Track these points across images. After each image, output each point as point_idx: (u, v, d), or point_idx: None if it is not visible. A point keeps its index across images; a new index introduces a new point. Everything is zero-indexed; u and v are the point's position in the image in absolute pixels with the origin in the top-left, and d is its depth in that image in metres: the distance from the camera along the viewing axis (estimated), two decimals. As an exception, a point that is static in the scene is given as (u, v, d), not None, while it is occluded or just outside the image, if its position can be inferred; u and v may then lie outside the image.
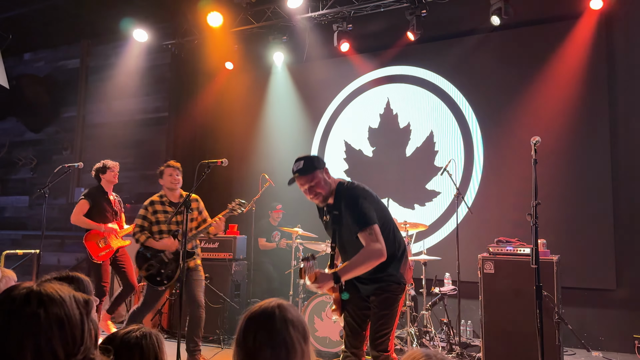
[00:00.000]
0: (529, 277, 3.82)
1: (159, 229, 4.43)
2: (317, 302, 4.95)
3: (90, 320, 1.09)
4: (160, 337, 1.53)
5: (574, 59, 5.80)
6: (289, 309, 1.41)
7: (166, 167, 4.59)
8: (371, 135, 7.02)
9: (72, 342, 1.03)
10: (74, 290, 1.10)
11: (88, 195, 5.20)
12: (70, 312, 1.04)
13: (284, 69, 7.59)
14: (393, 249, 2.91)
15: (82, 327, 1.05)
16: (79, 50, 9.13)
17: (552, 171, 5.71)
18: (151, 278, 4.39)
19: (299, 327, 1.38)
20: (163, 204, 4.51)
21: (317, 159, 2.91)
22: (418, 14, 6.10)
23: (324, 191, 2.87)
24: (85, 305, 1.08)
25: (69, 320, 1.03)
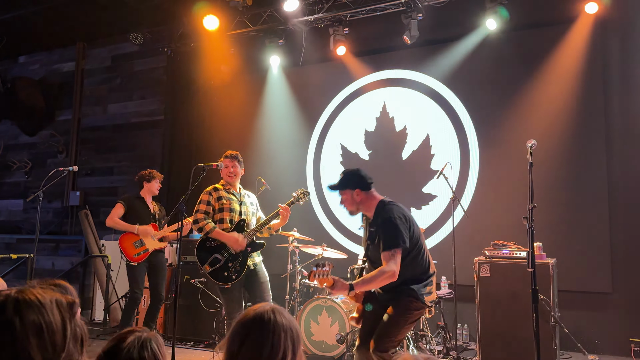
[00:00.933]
0: (525, 281, 3.82)
1: (221, 218, 4.05)
2: (313, 307, 4.94)
3: (75, 324, 1.06)
4: (159, 340, 1.51)
5: (570, 63, 5.82)
6: (283, 313, 1.39)
7: (224, 159, 4.18)
8: (367, 138, 7.02)
9: (52, 348, 1.00)
10: (59, 294, 1.08)
11: (124, 199, 5.27)
12: (50, 317, 1.01)
13: (280, 73, 7.59)
14: (420, 269, 3.13)
15: (63, 332, 1.02)
16: (74, 53, 9.11)
17: (548, 174, 5.72)
18: (217, 274, 3.90)
19: (290, 333, 1.37)
20: (228, 191, 4.16)
21: (355, 178, 3.18)
22: (414, 18, 6.11)
23: (351, 208, 3.17)
24: (69, 308, 1.06)
25: (48, 326, 1.00)
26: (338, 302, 4.85)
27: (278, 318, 1.37)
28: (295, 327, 1.40)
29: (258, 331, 1.35)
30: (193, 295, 5.56)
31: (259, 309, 1.41)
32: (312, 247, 5.53)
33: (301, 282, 5.40)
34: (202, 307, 5.44)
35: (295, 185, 7.27)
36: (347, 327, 4.73)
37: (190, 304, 5.60)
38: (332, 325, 4.82)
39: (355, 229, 6.86)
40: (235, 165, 4.14)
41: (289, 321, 1.39)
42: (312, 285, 5.39)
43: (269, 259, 6.65)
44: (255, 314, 1.39)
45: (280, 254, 5.96)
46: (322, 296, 4.99)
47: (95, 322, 6.95)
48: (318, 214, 7.17)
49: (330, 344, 4.79)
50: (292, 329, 1.38)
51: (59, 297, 1.07)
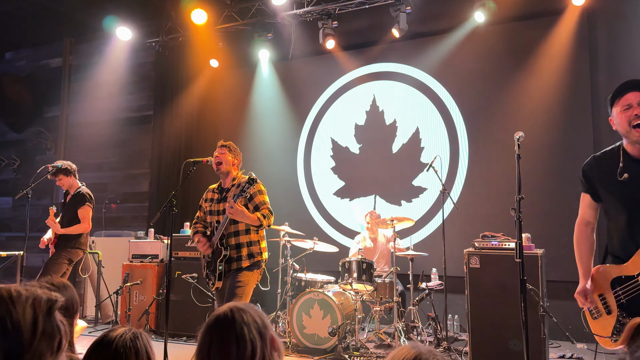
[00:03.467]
0: (514, 271, 3.86)
1: (210, 221, 3.82)
2: (305, 300, 4.96)
3: (52, 322, 1.05)
4: (148, 337, 1.53)
5: (557, 55, 5.87)
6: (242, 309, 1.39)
7: None
8: (357, 132, 7.03)
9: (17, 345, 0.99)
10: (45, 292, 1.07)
11: None
12: (18, 313, 1.00)
13: (269, 67, 7.57)
14: None
15: (32, 330, 1.01)
16: (61, 48, 9.02)
17: (536, 165, 5.77)
18: (206, 279, 3.79)
19: (254, 325, 1.38)
20: (214, 191, 3.90)
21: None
22: (403, 11, 6.12)
23: None
24: (47, 306, 1.05)
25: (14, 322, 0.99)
26: (330, 296, 4.88)
27: (237, 315, 1.37)
28: (259, 318, 1.40)
29: (220, 332, 1.36)
30: (185, 290, 5.57)
31: (218, 311, 1.42)
32: (303, 241, 5.55)
33: (293, 275, 5.42)
34: (194, 302, 5.45)
35: (287, 180, 7.32)
36: (339, 319, 4.76)
37: (182, 300, 5.60)
38: (324, 318, 4.85)
39: (347, 222, 6.88)
40: (222, 153, 3.79)
41: (251, 315, 1.39)
42: (303, 279, 5.41)
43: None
44: (215, 317, 1.40)
45: (271, 249, 5.96)
46: (314, 290, 5.01)
47: (86, 319, 6.93)
48: (309, 208, 7.19)
49: (323, 337, 4.82)
50: (256, 320, 1.38)
51: (40, 295, 1.06)
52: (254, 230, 3.65)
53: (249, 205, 3.67)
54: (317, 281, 5.36)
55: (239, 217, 3.49)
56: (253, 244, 3.68)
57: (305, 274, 5.46)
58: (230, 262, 3.62)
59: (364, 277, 4.96)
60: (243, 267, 3.60)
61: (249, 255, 3.64)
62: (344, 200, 7.01)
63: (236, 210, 3.43)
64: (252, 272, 3.64)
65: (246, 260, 3.62)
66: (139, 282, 5.85)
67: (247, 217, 3.51)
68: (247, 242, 3.65)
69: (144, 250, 6.05)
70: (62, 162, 4.95)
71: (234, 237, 3.65)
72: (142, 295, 5.91)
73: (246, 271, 3.61)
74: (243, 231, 3.65)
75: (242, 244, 3.63)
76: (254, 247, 3.68)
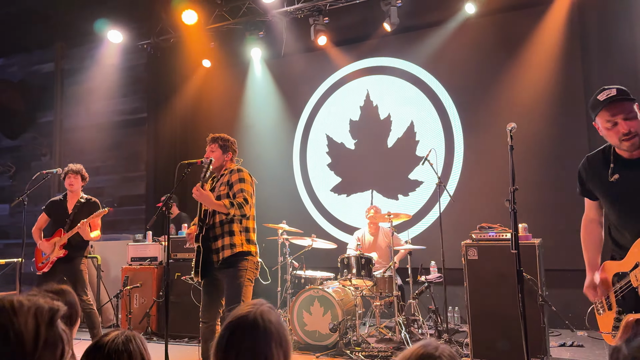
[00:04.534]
0: (511, 262, 3.86)
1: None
2: (305, 297, 4.97)
3: (54, 332, 1.06)
4: (143, 339, 1.52)
5: (549, 44, 5.87)
6: (271, 318, 1.34)
7: None
8: (352, 127, 7.03)
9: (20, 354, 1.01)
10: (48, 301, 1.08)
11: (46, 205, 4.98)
12: (20, 323, 1.02)
13: (262, 65, 7.56)
14: None
15: (35, 339, 1.02)
16: (53, 53, 8.98)
17: (531, 155, 5.78)
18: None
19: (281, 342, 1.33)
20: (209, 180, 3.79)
21: None
22: (394, 5, 6.12)
23: None
24: (49, 316, 1.06)
25: (17, 332, 1.01)
26: (330, 292, 4.89)
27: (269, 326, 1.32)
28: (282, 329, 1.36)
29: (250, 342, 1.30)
30: (185, 292, 5.57)
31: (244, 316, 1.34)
32: (301, 239, 5.56)
33: (292, 273, 5.43)
34: (194, 303, 5.44)
35: (283, 178, 7.32)
36: (339, 316, 4.77)
37: (183, 301, 5.61)
38: (325, 315, 4.86)
39: (345, 218, 6.89)
40: (212, 150, 3.70)
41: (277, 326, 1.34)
42: (303, 277, 5.42)
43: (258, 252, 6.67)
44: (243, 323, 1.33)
45: (270, 247, 5.98)
46: (314, 287, 5.02)
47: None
48: (307, 205, 7.19)
49: (324, 333, 4.83)
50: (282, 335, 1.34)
51: (43, 305, 1.07)
52: (236, 220, 3.56)
53: (229, 193, 3.56)
54: (316, 278, 5.37)
55: (204, 201, 3.42)
56: (233, 234, 3.52)
57: (304, 271, 5.47)
58: (217, 253, 3.51)
59: (363, 273, 4.97)
60: (226, 256, 3.47)
61: (230, 246, 3.49)
62: (341, 197, 7.01)
63: (201, 194, 3.35)
64: (244, 269, 3.50)
65: (227, 250, 3.48)
66: (139, 285, 5.85)
67: (212, 203, 3.41)
68: (229, 232, 3.52)
69: (143, 253, 6.05)
70: (74, 165, 4.88)
71: (219, 226, 3.54)
72: (142, 298, 5.91)
73: (239, 269, 3.49)
74: (225, 220, 3.53)
75: (224, 233, 3.52)
76: (235, 237, 3.53)
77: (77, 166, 4.90)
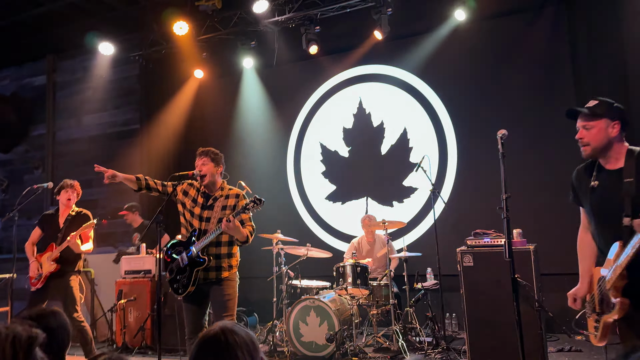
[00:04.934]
0: (507, 268, 3.85)
1: (191, 222, 3.66)
2: (301, 308, 4.92)
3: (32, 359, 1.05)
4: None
5: (539, 48, 5.90)
6: (233, 330, 1.38)
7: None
8: (346, 135, 7.02)
9: None
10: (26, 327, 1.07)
11: (39, 219, 4.93)
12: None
13: (254, 74, 7.56)
14: None
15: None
16: (44, 66, 8.96)
17: (526, 159, 5.79)
18: (171, 283, 3.63)
19: (245, 348, 1.36)
20: (198, 190, 3.75)
21: (619, 109, 2.45)
22: (384, 13, 6.13)
23: (597, 143, 2.42)
24: (26, 342, 1.05)
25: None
26: (326, 302, 4.85)
27: (230, 338, 1.35)
28: (249, 340, 1.38)
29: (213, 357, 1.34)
30: (179, 304, 5.49)
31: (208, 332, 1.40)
32: (296, 248, 5.53)
33: (288, 283, 5.40)
34: (176, 312, 5.37)
35: (277, 187, 7.29)
36: (336, 325, 4.73)
37: (178, 314, 5.54)
38: (321, 325, 4.82)
39: (340, 226, 6.87)
40: (204, 164, 3.66)
41: (241, 337, 1.37)
42: (299, 286, 5.39)
43: (254, 262, 6.64)
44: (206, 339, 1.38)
45: (265, 257, 5.94)
46: (310, 296, 4.98)
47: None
48: (301, 214, 7.17)
49: (321, 344, 4.78)
50: (247, 342, 1.37)
51: (21, 333, 1.06)
52: (236, 243, 3.62)
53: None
54: (312, 288, 5.33)
55: (233, 232, 3.45)
56: (233, 256, 3.65)
57: (300, 281, 5.43)
58: (207, 271, 3.55)
59: (359, 281, 4.94)
60: (222, 277, 3.56)
61: (229, 267, 3.61)
62: (336, 204, 6.99)
63: (233, 227, 3.39)
64: (235, 281, 3.64)
65: (226, 271, 3.59)
66: (133, 298, 5.80)
67: (239, 233, 3.47)
68: (228, 254, 3.62)
69: (137, 266, 6.00)
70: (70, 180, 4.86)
71: (215, 246, 3.59)
72: (137, 311, 5.85)
73: (229, 282, 3.59)
74: (226, 242, 3.60)
75: (223, 254, 3.59)
76: (233, 259, 3.66)
77: (73, 181, 4.88)
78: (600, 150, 2.43)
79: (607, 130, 2.40)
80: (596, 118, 2.42)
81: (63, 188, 4.78)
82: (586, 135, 2.44)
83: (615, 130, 2.39)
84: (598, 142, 2.41)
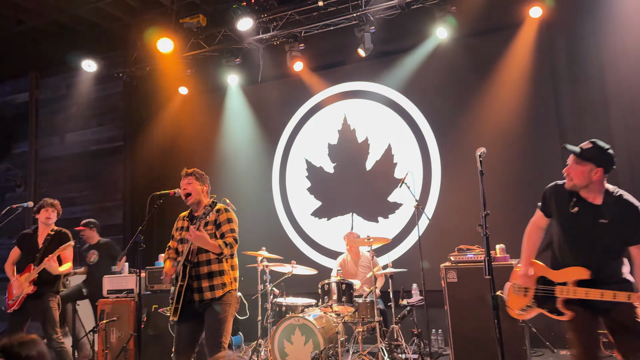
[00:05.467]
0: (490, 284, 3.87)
1: (182, 249, 3.64)
2: (286, 326, 4.88)
3: None
4: None
5: (519, 65, 6.00)
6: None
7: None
8: (331, 151, 7.04)
9: None
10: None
11: (17, 238, 4.88)
12: None
13: (239, 91, 7.57)
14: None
15: None
16: (27, 83, 8.90)
17: (508, 174, 5.85)
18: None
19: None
20: (184, 218, 3.78)
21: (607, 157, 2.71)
22: (367, 31, 6.20)
23: (580, 181, 2.74)
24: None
25: None
26: (311, 320, 4.81)
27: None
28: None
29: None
30: (163, 324, 5.44)
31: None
32: (281, 265, 5.49)
33: (273, 301, 5.35)
34: (172, 336, 5.31)
35: (263, 203, 7.26)
36: (321, 344, 4.69)
37: (161, 334, 5.47)
38: (306, 344, 4.77)
39: (326, 242, 6.85)
40: (189, 182, 3.64)
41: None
42: (284, 304, 5.34)
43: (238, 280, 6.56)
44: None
45: (249, 275, 5.87)
46: (295, 315, 4.94)
47: None
48: (287, 230, 7.14)
49: (306, 363, 4.73)
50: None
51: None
52: (224, 259, 3.55)
53: (217, 233, 3.56)
54: (297, 305, 5.28)
55: (200, 242, 3.38)
56: (225, 273, 3.56)
57: (285, 298, 5.39)
58: (202, 292, 3.49)
59: (344, 299, 4.91)
60: (217, 296, 3.49)
61: (222, 285, 3.52)
62: (321, 220, 6.98)
63: (196, 235, 3.32)
64: (228, 304, 3.53)
65: (219, 290, 3.50)
66: (115, 318, 5.69)
67: (208, 243, 3.39)
68: (219, 271, 3.53)
69: (119, 285, 5.90)
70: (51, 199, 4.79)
71: (205, 265, 3.52)
72: (119, 331, 5.74)
73: (222, 304, 3.50)
74: (215, 260, 3.52)
75: (214, 272, 3.52)
76: (225, 276, 3.57)
77: (53, 200, 4.81)
78: (581, 187, 2.75)
79: (590, 174, 2.70)
80: (584, 161, 2.71)
81: (43, 207, 4.72)
82: (572, 172, 2.75)
83: (597, 176, 2.70)
84: (580, 181, 2.73)
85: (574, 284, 2.76)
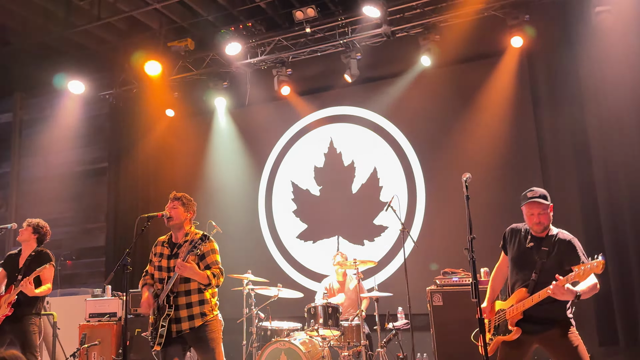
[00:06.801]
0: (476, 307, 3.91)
1: (160, 276, 3.60)
2: (271, 350, 4.84)
3: None
4: None
5: (501, 93, 6.17)
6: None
7: None
8: (317, 174, 7.10)
9: None
10: None
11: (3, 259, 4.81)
12: None
13: (226, 114, 7.61)
14: None
15: None
16: (11, 103, 8.83)
17: (491, 198, 5.94)
18: (151, 334, 3.56)
19: None
20: (163, 244, 3.72)
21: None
22: (353, 57, 6.35)
23: (547, 222, 3.12)
24: None
25: None
26: (296, 344, 4.78)
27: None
28: None
29: None
30: (145, 349, 5.33)
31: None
32: (267, 289, 5.46)
33: (258, 325, 5.31)
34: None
35: (248, 226, 7.25)
36: (306, 368, 4.65)
37: (145, 358, 5.37)
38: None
39: (312, 265, 6.85)
40: (174, 207, 3.63)
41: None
42: (269, 328, 5.30)
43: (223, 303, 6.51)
44: None
45: (235, 298, 5.84)
46: (280, 339, 4.90)
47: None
48: (273, 253, 7.13)
49: (291, 388, 4.68)
50: None
51: None
52: (205, 289, 3.55)
53: (200, 264, 3.56)
54: (283, 329, 5.25)
55: (189, 273, 3.40)
56: (205, 302, 3.56)
57: (270, 322, 5.35)
58: (179, 323, 3.47)
59: (330, 322, 4.90)
60: (195, 326, 3.49)
61: (201, 314, 3.52)
62: (307, 243, 6.99)
63: (186, 268, 3.36)
64: (214, 331, 3.56)
65: (199, 319, 3.50)
66: (97, 342, 5.59)
67: (197, 274, 3.42)
68: (199, 301, 3.53)
69: (102, 309, 5.82)
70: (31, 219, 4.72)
71: (184, 296, 3.51)
72: (101, 356, 5.64)
73: (210, 332, 3.52)
74: (195, 290, 3.53)
75: (193, 303, 3.51)
76: (206, 305, 3.56)
77: (32, 220, 4.74)
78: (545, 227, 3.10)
79: (550, 213, 3.10)
80: (548, 204, 3.08)
81: (21, 227, 4.67)
82: (542, 218, 3.08)
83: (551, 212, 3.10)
84: (549, 221, 3.10)
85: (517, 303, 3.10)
